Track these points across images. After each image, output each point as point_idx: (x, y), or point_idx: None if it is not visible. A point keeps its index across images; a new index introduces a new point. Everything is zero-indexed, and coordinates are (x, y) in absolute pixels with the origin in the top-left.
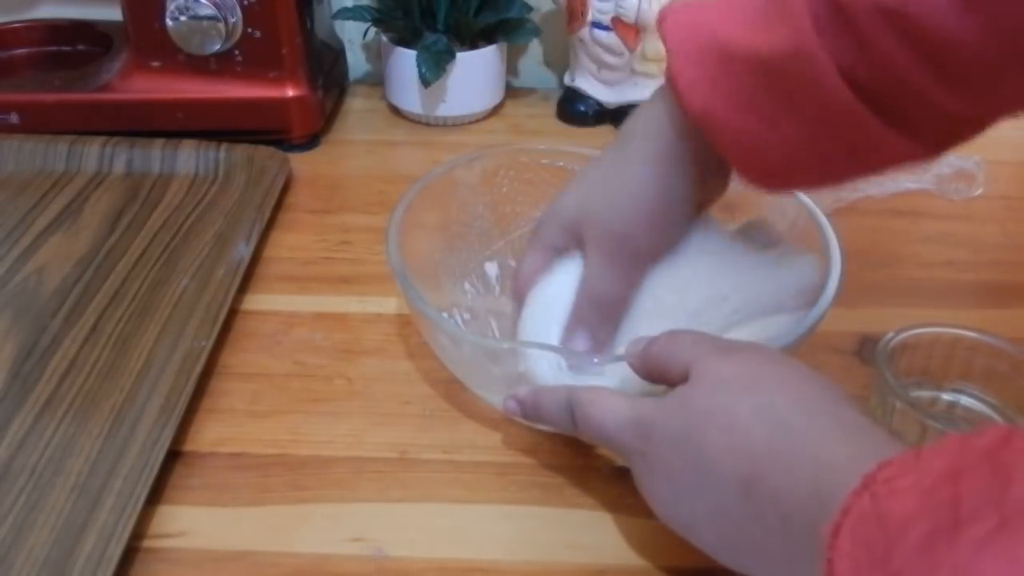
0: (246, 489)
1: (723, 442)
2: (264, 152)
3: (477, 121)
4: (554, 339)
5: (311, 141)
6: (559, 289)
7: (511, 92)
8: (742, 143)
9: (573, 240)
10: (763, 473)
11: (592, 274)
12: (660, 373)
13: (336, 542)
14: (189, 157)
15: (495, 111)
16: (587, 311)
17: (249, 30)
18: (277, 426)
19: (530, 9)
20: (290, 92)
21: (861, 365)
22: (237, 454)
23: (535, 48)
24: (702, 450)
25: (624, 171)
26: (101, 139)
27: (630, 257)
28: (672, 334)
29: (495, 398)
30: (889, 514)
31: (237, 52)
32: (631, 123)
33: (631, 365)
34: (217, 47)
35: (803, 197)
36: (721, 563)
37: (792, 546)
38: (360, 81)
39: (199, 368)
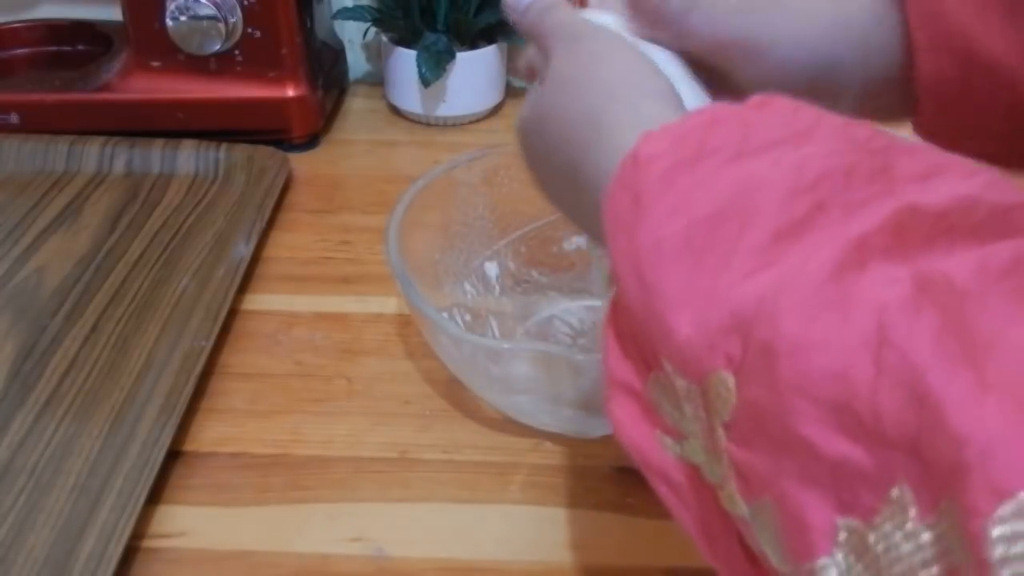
0: (246, 489)
1: (557, 136)
2: (264, 152)
3: (477, 121)
4: None
5: (311, 141)
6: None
7: (511, 92)
8: (948, 25)
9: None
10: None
11: None
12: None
13: (336, 542)
14: (189, 157)
15: (495, 111)
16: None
17: (249, 30)
18: (277, 426)
19: None
20: (290, 92)
21: None
22: (237, 454)
23: None
24: (545, 141)
25: None
26: (101, 139)
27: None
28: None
29: (495, 398)
30: (641, 153)
31: (237, 52)
32: None
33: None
34: (217, 47)
35: None
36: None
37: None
38: (360, 81)
39: (199, 368)
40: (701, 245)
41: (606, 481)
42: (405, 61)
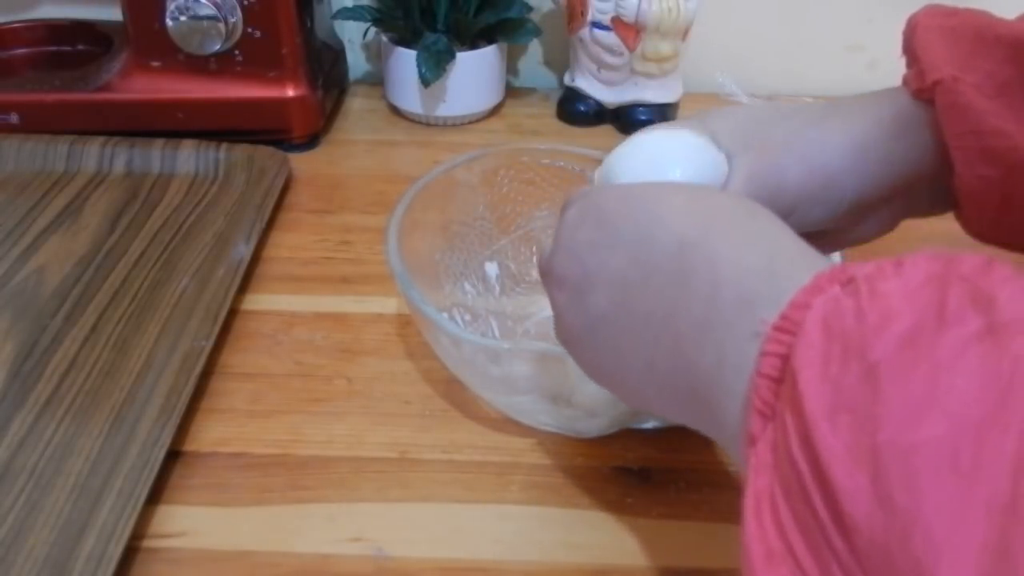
0: (246, 489)
1: (682, 203)
2: (264, 152)
3: (477, 121)
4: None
5: (311, 141)
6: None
7: (511, 92)
8: (981, 127)
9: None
10: (711, 236)
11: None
12: None
13: (336, 542)
14: (189, 157)
15: (495, 111)
16: None
17: (249, 30)
18: (277, 426)
19: (530, 9)
20: (290, 92)
21: None
22: (237, 454)
23: (535, 48)
24: (654, 207)
25: (817, 120)
26: (101, 139)
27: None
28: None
29: (495, 398)
30: (869, 310)
31: (237, 52)
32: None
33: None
34: (217, 47)
35: None
36: (607, 374)
37: (712, 315)
38: (360, 81)
39: (199, 368)
40: (970, 467)
41: (606, 481)
42: (405, 61)
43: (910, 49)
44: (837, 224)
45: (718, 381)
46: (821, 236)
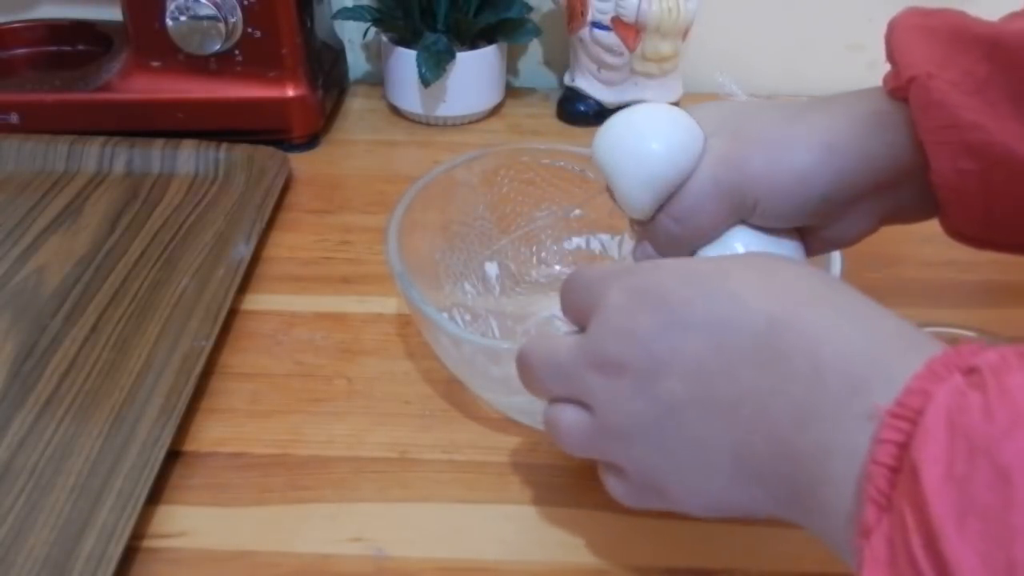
0: (246, 489)
1: (756, 280)
2: (264, 152)
3: (477, 121)
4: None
5: (311, 141)
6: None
7: (511, 92)
8: (957, 121)
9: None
10: (803, 313)
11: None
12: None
13: (336, 542)
14: (189, 157)
15: (495, 111)
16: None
17: (249, 30)
18: (277, 426)
19: (530, 9)
20: (290, 92)
21: None
22: (237, 454)
23: (535, 48)
24: (725, 285)
25: (796, 119)
26: (101, 139)
27: (732, 195)
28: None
29: (495, 398)
30: (999, 408)
31: (237, 52)
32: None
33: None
34: (217, 47)
35: None
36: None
37: (815, 398)
38: (360, 81)
39: (199, 368)
40: None
41: None
42: (405, 61)
43: (888, 50)
44: (812, 220)
45: (822, 467)
46: (801, 233)
